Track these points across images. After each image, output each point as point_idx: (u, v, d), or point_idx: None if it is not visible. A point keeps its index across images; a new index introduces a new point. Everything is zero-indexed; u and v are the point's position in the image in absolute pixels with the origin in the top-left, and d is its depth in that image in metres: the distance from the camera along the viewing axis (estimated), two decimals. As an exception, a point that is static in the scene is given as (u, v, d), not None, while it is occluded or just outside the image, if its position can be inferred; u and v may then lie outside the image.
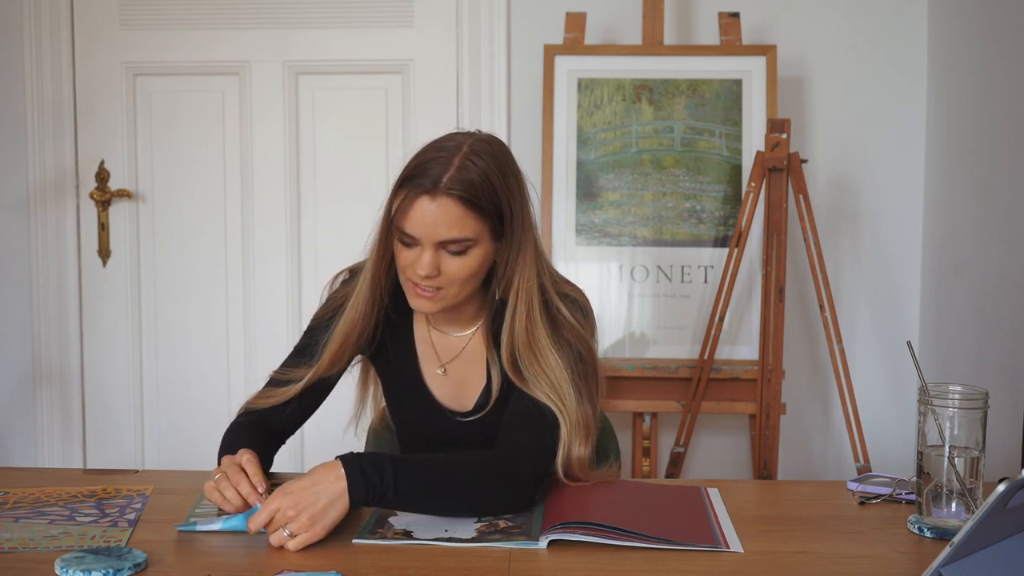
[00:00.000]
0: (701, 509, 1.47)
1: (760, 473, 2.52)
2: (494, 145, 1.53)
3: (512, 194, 1.51)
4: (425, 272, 1.48)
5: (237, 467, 1.42)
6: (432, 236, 1.47)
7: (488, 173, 1.47)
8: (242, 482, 1.39)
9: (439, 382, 1.66)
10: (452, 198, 1.45)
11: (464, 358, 1.64)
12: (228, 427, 1.61)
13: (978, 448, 1.36)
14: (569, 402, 1.51)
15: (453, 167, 1.46)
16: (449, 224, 1.46)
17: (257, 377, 2.89)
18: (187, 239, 2.94)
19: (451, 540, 1.33)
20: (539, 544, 1.31)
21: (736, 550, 1.31)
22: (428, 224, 1.46)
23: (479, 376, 1.63)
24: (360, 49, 2.87)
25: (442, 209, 1.45)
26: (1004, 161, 2.34)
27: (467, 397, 1.65)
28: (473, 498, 1.42)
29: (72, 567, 1.19)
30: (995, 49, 2.40)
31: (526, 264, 1.54)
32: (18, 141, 2.91)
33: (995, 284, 2.36)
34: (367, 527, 1.37)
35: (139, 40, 2.89)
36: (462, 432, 1.64)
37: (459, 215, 1.46)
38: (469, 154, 1.47)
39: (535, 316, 1.54)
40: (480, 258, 1.51)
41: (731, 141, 2.63)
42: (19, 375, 2.97)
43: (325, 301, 1.67)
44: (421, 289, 1.51)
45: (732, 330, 2.60)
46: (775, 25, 2.79)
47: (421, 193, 1.46)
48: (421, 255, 1.48)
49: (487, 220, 1.49)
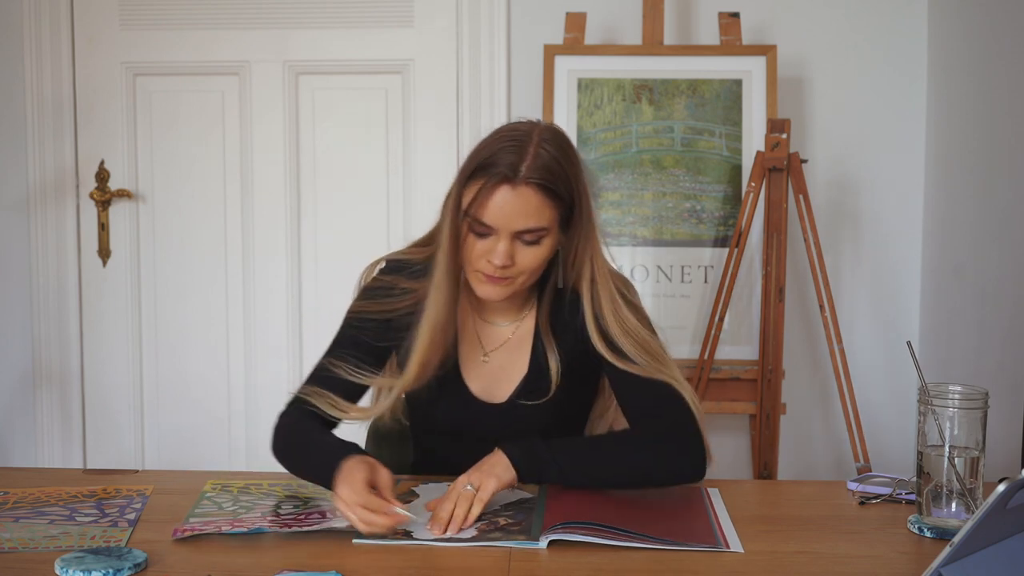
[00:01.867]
0: (701, 509, 1.47)
1: (760, 473, 2.52)
2: (559, 134, 1.54)
3: (580, 181, 1.52)
4: (501, 262, 1.48)
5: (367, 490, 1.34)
6: (511, 225, 1.47)
7: (560, 160, 1.48)
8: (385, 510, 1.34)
9: (478, 371, 1.64)
10: (532, 186, 1.45)
11: (508, 348, 1.64)
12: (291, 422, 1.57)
13: (978, 448, 1.36)
14: (675, 370, 1.55)
15: (529, 155, 1.46)
16: (528, 213, 1.46)
17: (257, 376, 2.93)
18: (187, 239, 2.94)
19: (452, 540, 1.33)
20: (539, 544, 1.31)
21: (736, 550, 1.31)
22: (508, 213, 1.46)
23: (520, 366, 1.63)
24: (360, 49, 2.87)
25: (522, 198, 1.45)
26: (1004, 161, 2.34)
27: (502, 388, 1.64)
28: (647, 463, 1.48)
29: (72, 567, 1.19)
30: (995, 49, 2.40)
31: (596, 252, 1.56)
32: (18, 141, 2.91)
33: (995, 284, 2.36)
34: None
35: (139, 40, 2.89)
36: (494, 423, 1.62)
37: (538, 204, 1.46)
38: (541, 142, 1.48)
39: (618, 301, 1.56)
40: (551, 247, 1.52)
41: (731, 141, 2.63)
42: (19, 375, 2.97)
43: (362, 291, 1.64)
44: (490, 277, 1.51)
45: (732, 330, 2.60)
46: (775, 25, 2.79)
47: (500, 182, 1.45)
48: (496, 245, 1.48)
49: (560, 209, 1.50)
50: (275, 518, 1.41)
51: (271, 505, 1.48)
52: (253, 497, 1.52)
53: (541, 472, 1.45)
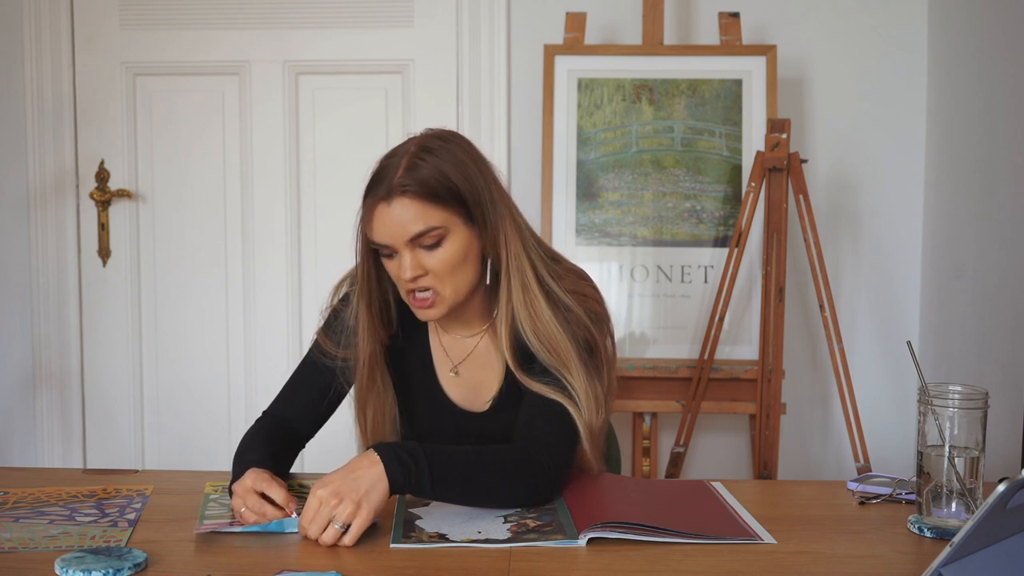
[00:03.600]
0: (718, 503, 1.48)
1: (760, 473, 2.52)
2: (444, 136, 1.54)
3: (471, 176, 1.51)
4: (409, 274, 1.49)
5: (254, 495, 1.38)
6: (400, 236, 1.48)
7: (439, 164, 1.49)
8: (266, 508, 1.37)
9: (453, 384, 1.65)
10: (406, 196, 1.47)
11: (476, 359, 1.64)
12: (245, 434, 1.60)
13: (978, 448, 1.36)
14: (579, 380, 1.51)
15: (401, 168, 1.48)
16: (409, 220, 1.47)
17: (257, 377, 2.93)
18: (187, 239, 2.94)
19: (486, 541, 1.32)
20: (579, 542, 1.31)
21: (770, 541, 1.32)
22: (391, 227, 1.48)
23: (494, 376, 1.63)
24: (360, 49, 2.87)
25: (398, 208, 1.47)
26: (1004, 161, 2.34)
27: (482, 398, 1.64)
28: (499, 488, 1.43)
29: (72, 567, 1.19)
30: (995, 49, 2.40)
31: (509, 239, 1.53)
32: (18, 141, 2.91)
33: (995, 284, 2.36)
34: (399, 531, 1.36)
35: (139, 40, 2.89)
36: (477, 431, 1.63)
37: (417, 210, 1.47)
38: (416, 152, 1.50)
39: (531, 288, 1.53)
40: (458, 246, 1.51)
41: (731, 141, 2.63)
42: (19, 375, 2.97)
43: (327, 320, 1.67)
44: (417, 299, 1.52)
45: (732, 330, 2.60)
46: (775, 25, 2.79)
47: (377, 201, 1.49)
48: (401, 259, 1.50)
49: (451, 207, 1.49)
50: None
51: None
52: (254, 497, 1.51)
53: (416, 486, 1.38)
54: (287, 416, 1.64)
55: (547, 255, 1.60)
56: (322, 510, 1.32)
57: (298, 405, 1.64)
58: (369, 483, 1.34)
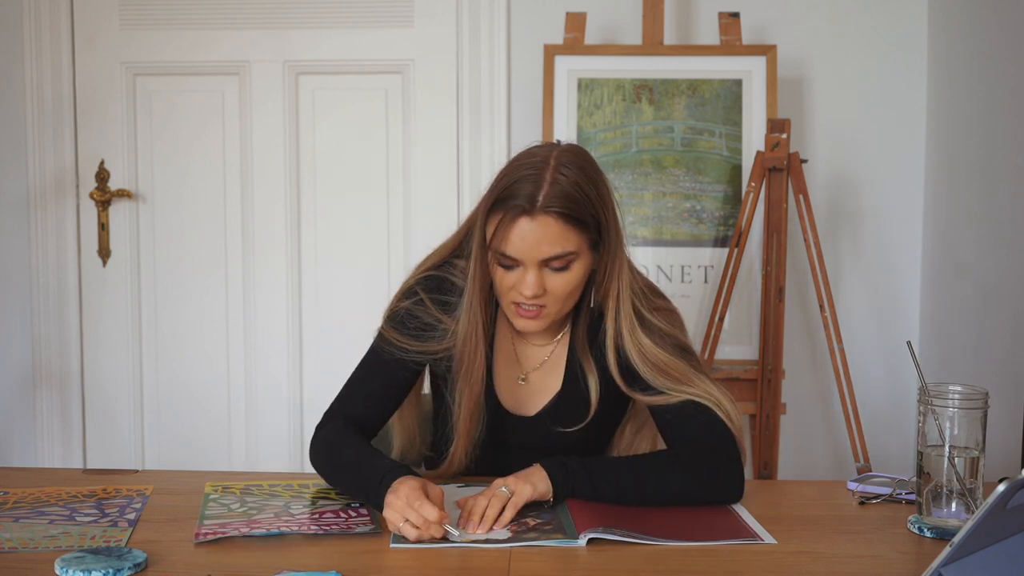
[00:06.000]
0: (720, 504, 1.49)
1: (760, 473, 2.52)
2: (579, 154, 1.51)
3: (604, 200, 1.50)
4: (531, 292, 1.47)
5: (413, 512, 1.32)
6: (535, 255, 1.46)
7: (580, 183, 1.46)
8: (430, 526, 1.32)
9: (512, 389, 1.64)
10: (551, 215, 1.44)
11: (546, 367, 1.64)
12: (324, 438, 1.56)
13: (978, 448, 1.36)
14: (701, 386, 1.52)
15: (546, 183, 1.44)
16: (551, 241, 1.45)
17: (257, 377, 2.93)
18: (187, 239, 2.94)
19: (487, 541, 1.32)
20: (579, 542, 1.31)
21: (770, 541, 1.33)
22: (530, 244, 1.45)
23: (553, 383, 1.63)
24: (360, 49, 2.87)
25: (543, 228, 1.44)
26: (1004, 161, 2.34)
27: (535, 402, 1.64)
28: (682, 489, 1.47)
29: (72, 567, 1.19)
30: (995, 49, 2.40)
31: (623, 269, 1.53)
32: (18, 141, 2.91)
33: (995, 284, 2.36)
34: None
35: (139, 40, 2.89)
36: (516, 434, 1.63)
37: (560, 231, 1.45)
38: (558, 167, 1.46)
39: (634, 325, 1.53)
40: (583, 271, 1.51)
41: (731, 141, 2.63)
42: (19, 375, 2.97)
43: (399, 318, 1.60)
44: (524, 310, 1.50)
45: (732, 330, 2.60)
46: (775, 25, 2.79)
47: (519, 215, 1.44)
48: (525, 276, 1.47)
49: (586, 232, 1.48)
50: (290, 517, 1.41)
51: (281, 505, 1.48)
52: (258, 498, 1.51)
53: (576, 490, 1.44)
54: (358, 414, 1.59)
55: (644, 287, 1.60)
56: (487, 492, 1.38)
57: (370, 402, 1.60)
58: (532, 472, 1.42)
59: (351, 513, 1.43)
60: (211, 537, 1.32)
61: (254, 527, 1.36)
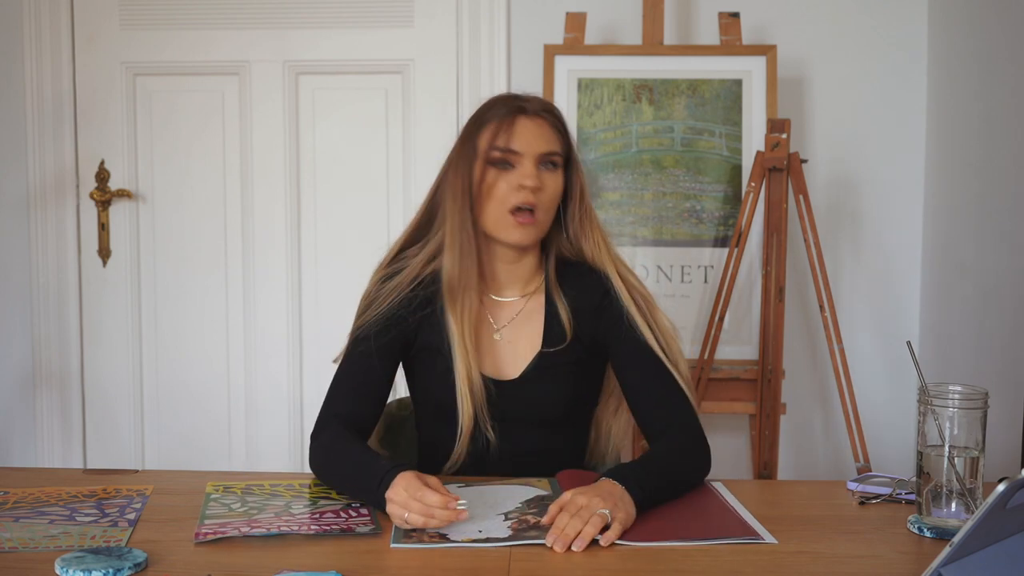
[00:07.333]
0: (720, 501, 1.49)
1: (760, 473, 2.52)
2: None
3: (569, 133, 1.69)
4: (533, 183, 1.58)
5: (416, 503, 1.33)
6: (535, 148, 1.60)
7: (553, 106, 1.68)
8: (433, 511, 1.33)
9: (489, 349, 1.66)
10: (542, 116, 1.63)
11: (518, 322, 1.67)
12: (322, 444, 1.56)
13: (978, 448, 1.36)
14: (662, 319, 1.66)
15: (530, 97, 1.65)
16: (548, 139, 1.62)
17: (257, 377, 2.93)
18: (187, 239, 2.94)
19: (487, 540, 1.32)
20: None
21: (770, 541, 1.33)
22: (533, 136, 1.61)
23: (533, 341, 1.66)
24: (360, 49, 2.87)
25: (538, 126, 1.62)
26: (1004, 161, 2.34)
27: (516, 364, 1.66)
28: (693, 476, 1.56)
29: (72, 567, 1.19)
30: (995, 48, 2.40)
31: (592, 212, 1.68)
32: (18, 141, 2.91)
33: (995, 284, 2.36)
34: (399, 531, 1.36)
35: (139, 40, 2.89)
36: (502, 404, 1.63)
37: (551, 132, 1.63)
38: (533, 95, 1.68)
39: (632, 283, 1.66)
40: (562, 180, 1.64)
41: (731, 141, 2.63)
42: (19, 375, 2.97)
43: (370, 304, 1.68)
44: (522, 215, 1.59)
45: (732, 330, 2.60)
46: (775, 25, 2.79)
47: (516, 114, 1.62)
48: (525, 170, 1.59)
49: (566, 144, 1.65)
50: (291, 517, 1.41)
51: (282, 505, 1.48)
52: (259, 498, 1.51)
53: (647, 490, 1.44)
54: (348, 411, 1.60)
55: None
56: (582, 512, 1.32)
57: (356, 396, 1.62)
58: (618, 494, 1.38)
59: (351, 513, 1.43)
60: (211, 537, 1.32)
61: (254, 527, 1.36)
